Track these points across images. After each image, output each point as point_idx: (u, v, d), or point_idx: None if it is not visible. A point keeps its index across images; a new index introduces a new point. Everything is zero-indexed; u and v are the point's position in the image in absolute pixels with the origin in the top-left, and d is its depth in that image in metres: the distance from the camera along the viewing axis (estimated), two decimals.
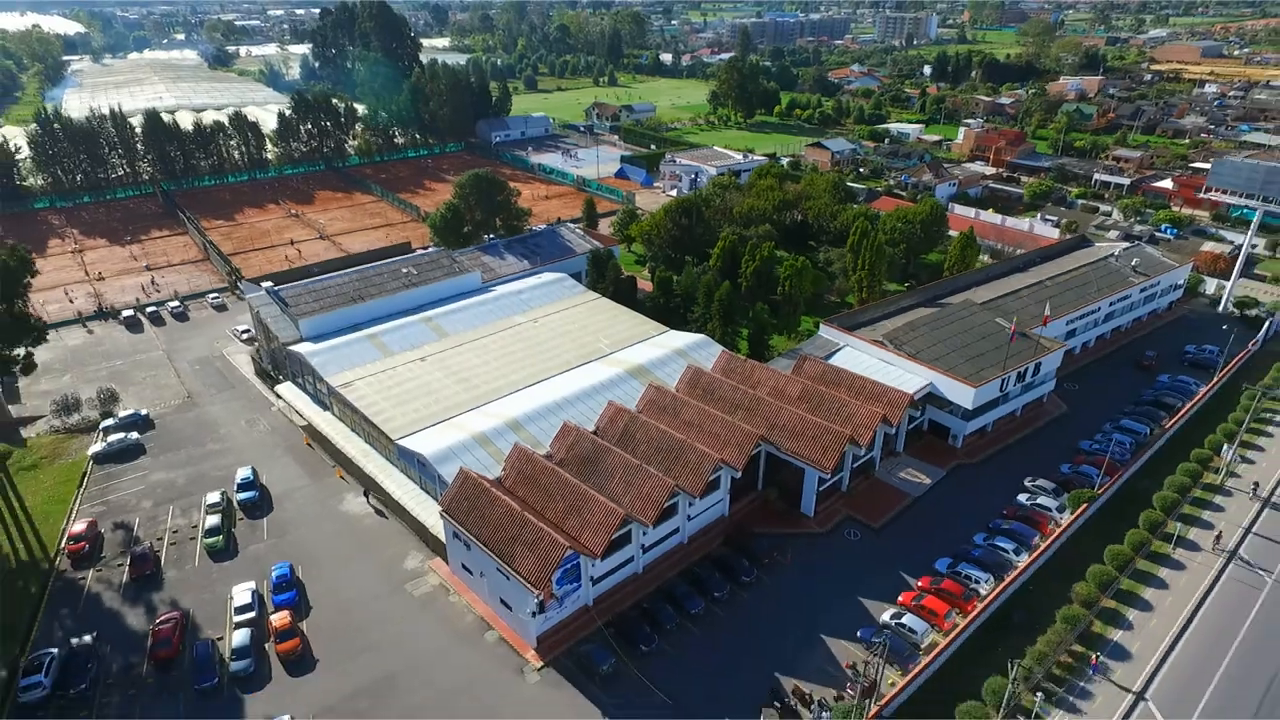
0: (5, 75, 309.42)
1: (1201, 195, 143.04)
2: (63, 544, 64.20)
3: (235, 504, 68.89)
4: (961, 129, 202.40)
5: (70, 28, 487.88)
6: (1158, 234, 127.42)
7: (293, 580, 59.49)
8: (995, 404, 75.75)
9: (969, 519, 66.11)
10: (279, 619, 55.10)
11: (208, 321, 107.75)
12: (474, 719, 48.95)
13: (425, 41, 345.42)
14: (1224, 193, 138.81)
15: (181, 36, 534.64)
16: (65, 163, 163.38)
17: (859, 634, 54.11)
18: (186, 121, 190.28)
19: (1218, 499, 67.30)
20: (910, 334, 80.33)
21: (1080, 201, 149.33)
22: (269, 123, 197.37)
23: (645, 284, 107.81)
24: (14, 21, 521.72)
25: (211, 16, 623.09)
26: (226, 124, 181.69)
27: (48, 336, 79.45)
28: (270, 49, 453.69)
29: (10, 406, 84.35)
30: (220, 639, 54.90)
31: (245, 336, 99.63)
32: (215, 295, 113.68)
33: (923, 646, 52.93)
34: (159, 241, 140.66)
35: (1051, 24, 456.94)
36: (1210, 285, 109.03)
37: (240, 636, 53.58)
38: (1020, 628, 53.98)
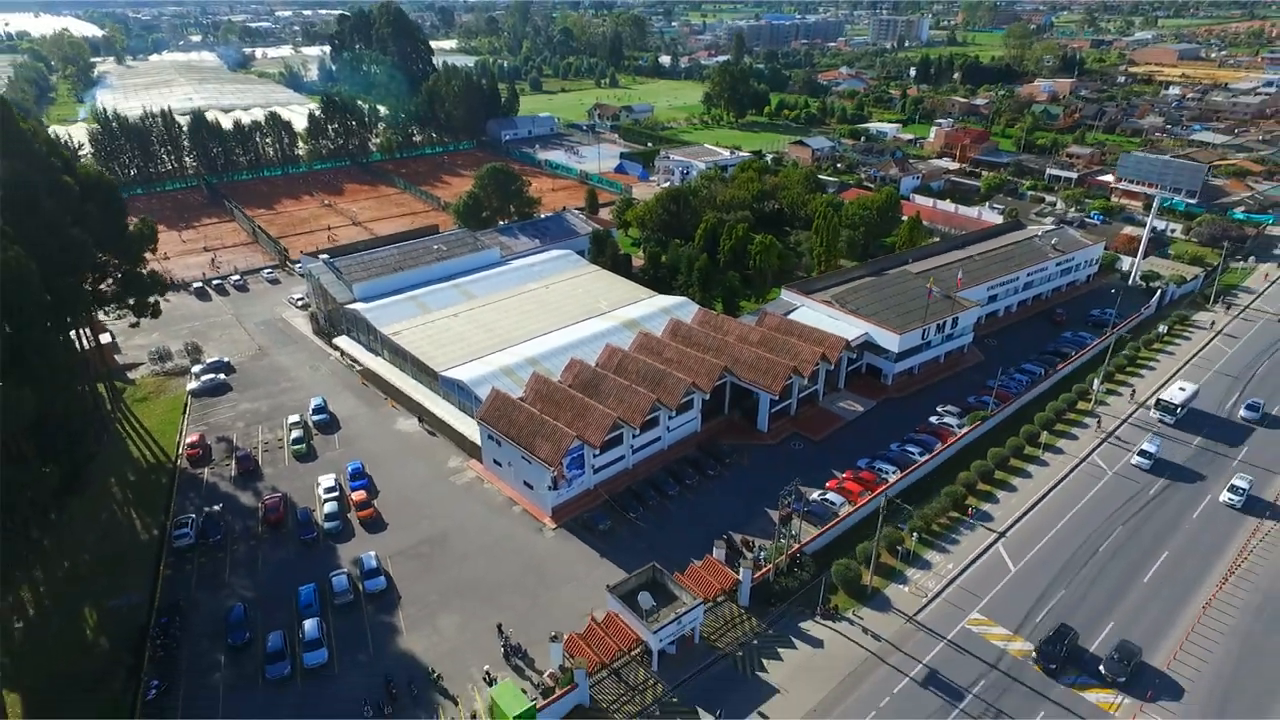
0: (40, 77, 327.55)
1: (1113, 185, 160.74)
2: (181, 450, 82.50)
3: (310, 424, 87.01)
4: (933, 128, 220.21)
5: (86, 29, 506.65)
6: (1086, 220, 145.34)
7: (363, 473, 77.61)
8: (919, 350, 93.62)
9: (891, 435, 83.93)
10: (357, 495, 73.38)
11: (264, 293, 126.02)
12: (506, 557, 67.01)
13: (433, 44, 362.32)
14: (1132, 182, 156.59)
15: (198, 38, 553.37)
16: (121, 158, 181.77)
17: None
18: (221, 121, 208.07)
19: (1086, 420, 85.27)
20: (854, 295, 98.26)
21: (1030, 193, 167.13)
22: (297, 122, 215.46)
23: (639, 261, 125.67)
24: (28, 23, 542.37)
25: (221, 18, 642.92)
26: (263, 123, 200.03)
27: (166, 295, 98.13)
28: (284, 50, 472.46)
29: (114, 356, 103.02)
30: (313, 511, 72.98)
31: (300, 304, 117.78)
32: (269, 271, 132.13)
33: (839, 513, 70.82)
34: (210, 227, 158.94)
35: (1037, 27, 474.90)
36: (1126, 262, 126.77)
37: (330, 507, 71.62)
38: (916, 502, 71.72)
